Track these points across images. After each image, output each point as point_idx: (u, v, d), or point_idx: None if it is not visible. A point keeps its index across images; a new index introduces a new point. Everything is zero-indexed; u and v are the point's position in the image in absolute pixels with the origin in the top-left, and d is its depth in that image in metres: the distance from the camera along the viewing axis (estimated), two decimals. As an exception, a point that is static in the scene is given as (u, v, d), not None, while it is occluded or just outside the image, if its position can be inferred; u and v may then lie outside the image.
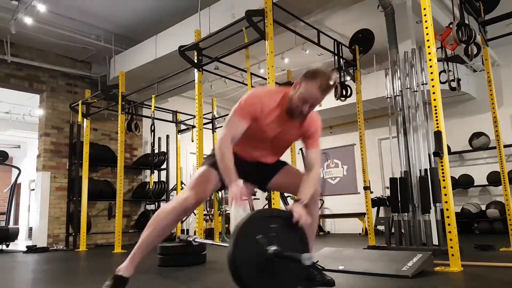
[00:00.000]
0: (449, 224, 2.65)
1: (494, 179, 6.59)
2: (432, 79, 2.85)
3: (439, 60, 5.52)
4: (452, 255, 2.62)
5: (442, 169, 2.74)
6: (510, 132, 6.70)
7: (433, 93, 2.83)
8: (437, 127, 2.81)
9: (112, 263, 4.21)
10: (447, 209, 2.68)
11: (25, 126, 10.01)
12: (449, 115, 6.80)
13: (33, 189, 12.12)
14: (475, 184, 6.70)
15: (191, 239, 2.84)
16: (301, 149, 9.18)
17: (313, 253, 1.91)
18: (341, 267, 2.75)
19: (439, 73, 5.55)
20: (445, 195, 2.70)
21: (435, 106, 2.82)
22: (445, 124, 4.42)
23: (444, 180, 2.73)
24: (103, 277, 2.03)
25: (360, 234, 7.60)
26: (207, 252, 3.62)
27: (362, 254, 3.01)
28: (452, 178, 6.03)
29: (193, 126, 7.58)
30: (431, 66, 2.87)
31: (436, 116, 2.81)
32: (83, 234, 6.05)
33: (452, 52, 5.03)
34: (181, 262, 3.38)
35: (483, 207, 6.51)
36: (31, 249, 5.92)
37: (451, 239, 2.64)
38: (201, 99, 4.59)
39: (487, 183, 6.71)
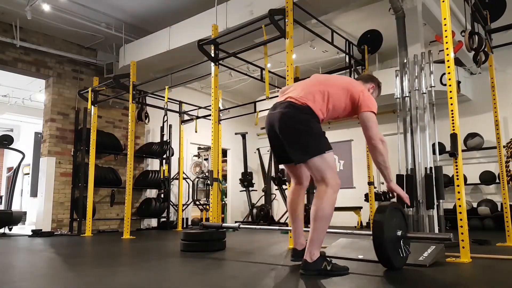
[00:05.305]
0: (461, 219, 2.88)
1: (486, 178, 6.91)
2: (450, 85, 3.06)
3: (439, 62, 5.75)
4: (463, 247, 2.86)
5: (457, 168, 2.97)
6: (502, 133, 7.01)
7: (451, 98, 3.04)
8: (453, 129, 3.02)
9: (131, 248, 4.35)
10: (459, 206, 2.91)
11: (23, 110, 9.96)
12: (445, 115, 7.02)
13: (27, 173, 12.08)
14: (467, 183, 7.00)
15: (236, 225, 3.56)
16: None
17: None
18: (360, 256, 2.96)
19: (441, 76, 5.83)
20: (458, 192, 2.93)
21: (452, 110, 3.03)
22: (442, 124, 4.69)
23: (458, 179, 2.95)
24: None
25: (355, 227, 7.86)
26: (226, 239, 3.79)
27: (378, 245, 3.21)
28: (446, 176, 6.31)
29: (197, 117, 7.69)
30: (449, 73, 3.08)
31: (453, 120, 3.02)
32: (89, 219, 6.14)
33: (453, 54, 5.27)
34: (202, 248, 3.55)
35: (475, 205, 6.82)
36: (36, 233, 5.98)
37: (462, 233, 2.87)
38: (217, 92, 4.71)
39: (479, 182, 7.03)
